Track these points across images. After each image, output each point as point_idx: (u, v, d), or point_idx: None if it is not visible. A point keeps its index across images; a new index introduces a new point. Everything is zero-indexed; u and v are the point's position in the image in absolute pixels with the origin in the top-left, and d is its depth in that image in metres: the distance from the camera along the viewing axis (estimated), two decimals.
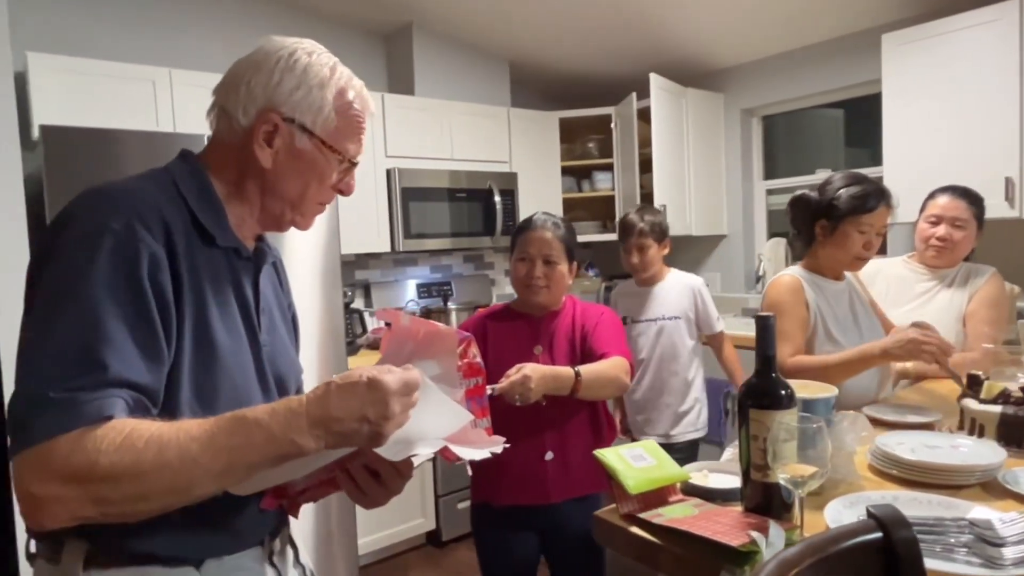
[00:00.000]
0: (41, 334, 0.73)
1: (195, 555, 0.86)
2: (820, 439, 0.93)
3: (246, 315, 0.93)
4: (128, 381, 0.73)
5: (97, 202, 0.80)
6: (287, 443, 0.71)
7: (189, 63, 2.91)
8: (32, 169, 2.30)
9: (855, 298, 1.85)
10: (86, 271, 0.75)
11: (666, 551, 0.98)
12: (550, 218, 1.72)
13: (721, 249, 3.89)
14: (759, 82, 3.62)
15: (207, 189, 0.91)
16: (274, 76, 0.90)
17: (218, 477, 0.72)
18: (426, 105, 3.38)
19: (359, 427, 0.72)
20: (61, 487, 0.68)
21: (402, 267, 3.71)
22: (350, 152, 0.95)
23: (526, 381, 1.42)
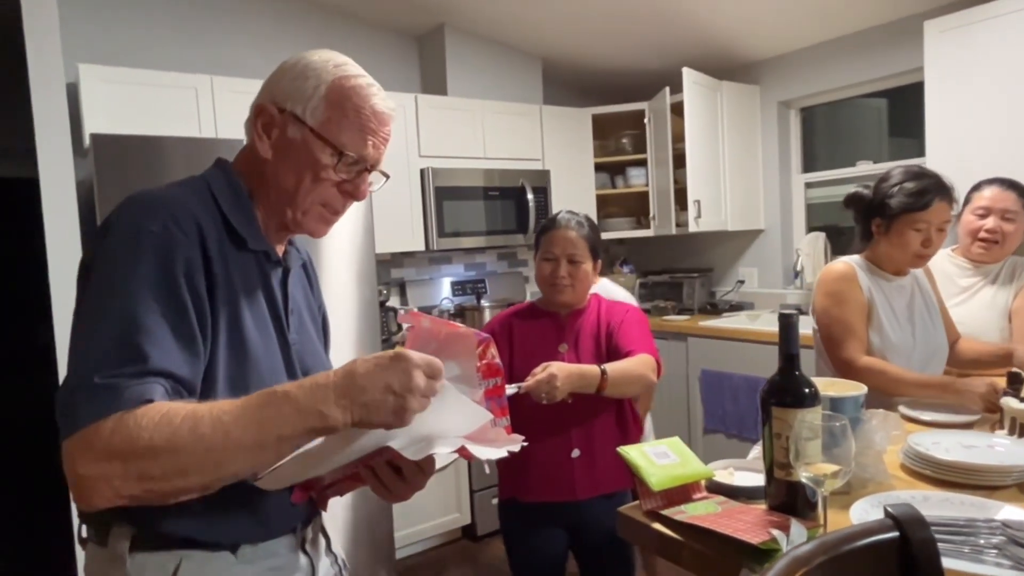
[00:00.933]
0: (86, 330, 0.78)
1: (231, 540, 0.90)
2: (844, 438, 0.93)
3: (275, 316, 0.96)
4: (168, 371, 0.77)
5: (135, 207, 0.85)
6: (315, 415, 0.73)
7: (229, 70, 3.01)
8: (83, 175, 2.41)
9: (918, 296, 1.79)
10: (126, 271, 0.79)
11: (688, 548, 0.99)
12: (574, 217, 1.72)
13: (758, 244, 3.83)
14: (796, 73, 3.54)
15: (239, 194, 0.95)
16: (279, 73, 0.96)
17: (250, 450, 0.74)
18: (459, 105, 3.41)
19: (384, 398, 0.74)
20: (106, 465, 0.71)
21: (437, 265, 3.76)
22: (347, 145, 0.93)
23: (552, 380, 1.43)
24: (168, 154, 2.29)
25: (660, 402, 3.46)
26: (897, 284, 1.77)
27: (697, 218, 3.40)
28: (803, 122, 3.74)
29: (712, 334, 3.28)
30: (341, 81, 0.93)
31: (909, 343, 1.72)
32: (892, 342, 1.69)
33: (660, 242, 4.22)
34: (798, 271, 3.45)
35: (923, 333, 1.74)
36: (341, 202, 0.98)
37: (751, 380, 3.05)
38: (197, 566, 0.88)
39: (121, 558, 0.86)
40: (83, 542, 0.94)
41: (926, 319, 1.77)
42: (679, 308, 3.83)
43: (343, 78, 0.93)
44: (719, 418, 3.22)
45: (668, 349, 3.42)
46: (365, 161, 0.95)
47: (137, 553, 0.86)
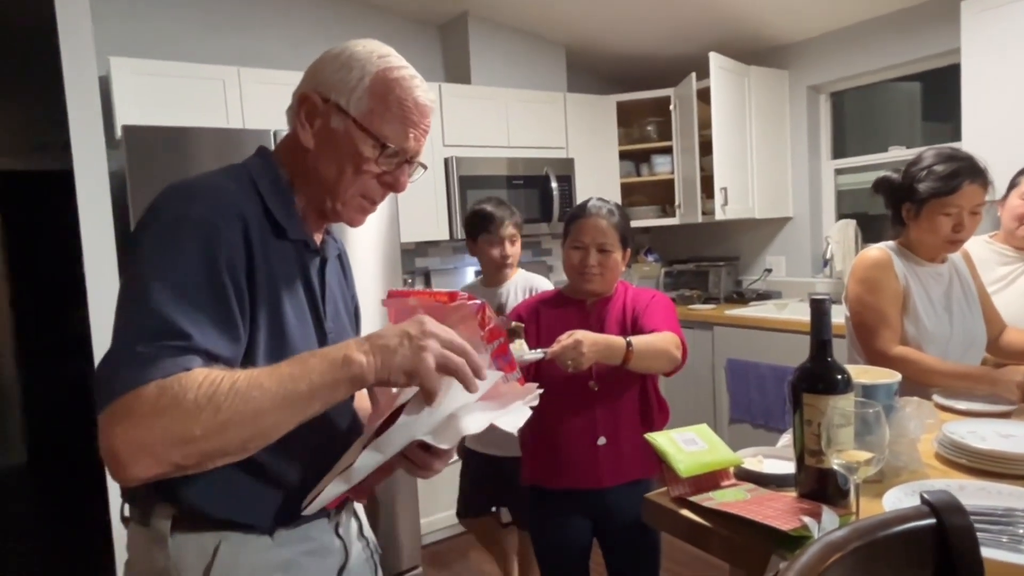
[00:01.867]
0: (129, 311, 0.79)
1: (268, 522, 0.91)
2: (878, 425, 0.91)
3: (313, 304, 0.98)
4: (209, 351, 0.79)
5: (180, 194, 0.86)
6: (340, 360, 0.77)
7: (255, 61, 3.04)
8: (115, 167, 2.46)
9: (957, 282, 1.74)
10: (170, 256, 0.81)
11: (716, 534, 0.98)
12: (605, 204, 1.70)
13: (786, 232, 3.77)
14: (827, 57, 3.46)
15: (279, 183, 0.96)
16: (323, 63, 0.96)
17: (285, 400, 0.75)
18: (482, 93, 3.41)
19: (401, 341, 0.78)
20: (147, 431, 0.72)
21: (460, 254, 3.77)
22: (389, 137, 0.93)
23: (578, 346, 1.41)
24: (197, 145, 2.33)
25: (685, 391, 3.44)
26: (933, 271, 1.72)
27: (724, 206, 3.35)
28: (833, 107, 3.66)
29: (738, 323, 3.25)
30: (385, 73, 0.93)
31: (946, 331, 1.68)
32: (928, 330, 1.66)
33: (685, 230, 4.18)
34: (827, 259, 3.39)
35: (961, 321, 1.69)
36: (380, 193, 0.99)
37: (778, 370, 3.02)
38: (235, 547, 0.89)
39: (163, 538, 0.88)
40: (125, 521, 0.96)
41: (964, 307, 1.72)
42: (705, 297, 3.79)
43: (387, 69, 0.93)
44: (745, 408, 3.19)
45: (693, 338, 3.39)
46: (406, 153, 0.96)
47: (178, 533, 0.88)
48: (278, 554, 0.92)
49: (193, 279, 0.80)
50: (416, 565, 2.75)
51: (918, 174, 1.65)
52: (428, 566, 2.82)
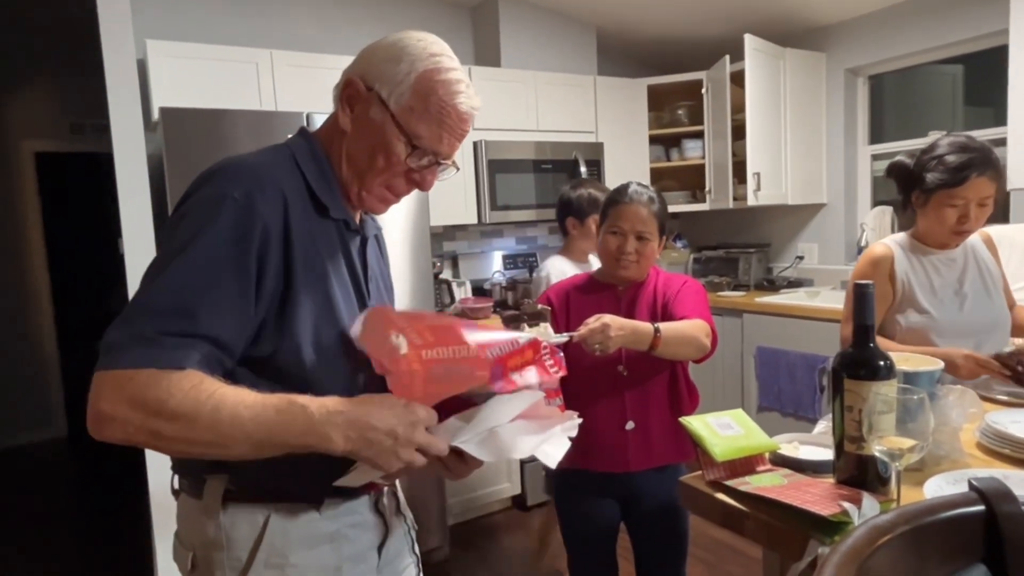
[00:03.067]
0: (152, 281, 0.82)
1: (316, 495, 0.94)
2: (921, 412, 0.89)
3: (356, 282, 0.99)
4: (211, 336, 0.81)
5: (224, 173, 0.88)
6: (320, 435, 0.80)
7: (288, 44, 3.05)
8: (152, 149, 2.50)
9: (972, 268, 1.72)
10: (201, 232, 0.83)
11: (753, 518, 0.98)
12: (645, 191, 1.67)
13: (820, 219, 3.70)
14: (866, 39, 3.37)
15: (322, 163, 0.97)
16: (375, 49, 0.96)
17: (255, 446, 0.80)
18: (512, 76, 3.39)
19: (384, 440, 0.80)
20: (128, 411, 0.76)
21: (488, 239, 3.78)
22: (422, 138, 0.93)
23: (606, 329, 1.41)
24: (232, 127, 2.35)
25: (714, 379, 3.42)
26: (946, 257, 1.72)
27: (756, 191, 3.30)
28: (871, 90, 3.57)
29: (769, 311, 3.21)
30: (432, 73, 0.93)
31: (955, 318, 1.67)
32: (935, 319, 1.66)
33: (715, 216, 4.13)
34: (862, 246, 3.32)
35: (975, 307, 1.68)
36: (406, 188, 0.99)
37: (809, 358, 2.98)
38: (284, 519, 0.92)
39: (215, 510, 0.91)
40: (176, 493, 0.99)
41: (980, 292, 1.70)
42: (734, 284, 3.75)
43: (434, 70, 0.93)
44: (774, 396, 3.16)
45: (722, 325, 3.36)
46: (437, 156, 0.96)
47: (230, 505, 0.91)
48: (325, 526, 0.95)
49: (219, 258, 0.82)
50: (441, 545, 2.79)
51: (928, 163, 1.63)
52: (453, 546, 2.86)
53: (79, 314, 5.77)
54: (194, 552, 0.95)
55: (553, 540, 2.40)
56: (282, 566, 0.92)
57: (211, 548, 0.92)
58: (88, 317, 6.05)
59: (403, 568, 1.11)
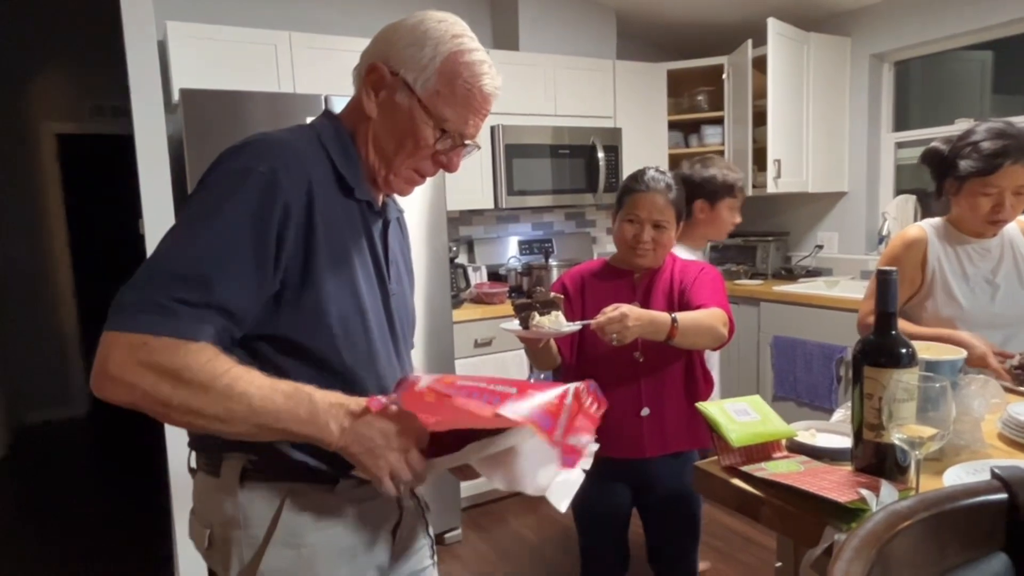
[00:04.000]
0: (171, 245, 0.83)
1: (332, 476, 0.95)
2: (943, 400, 0.88)
3: (376, 264, 1.00)
4: (225, 307, 0.81)
5: (251, 147, 0.88)
6: (321, 426, 0.82)
7: (307, 26, 3.05)
8: (172, 130, 2.51)
9: (1007, 260, 1.69)
10: (225, 203, 0.83)
11: (768, 504, 0.97)
12: (663, 178, 1.64)
13: (840, 207, 3.65)
14: (892, 23, 3.30)
15: (346, 144, 0.97)
16: (397, 33, 0.95)
17: (256, 427, 0.82)
18: (530, 60, 3.36)
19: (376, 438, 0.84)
20: (139, 376, 0.77)
21: (504, 224, 3.77)
22: (449, 121, 0.94)
23: (623, 319, 1.40)
24: (251, 109, 2.36)
25: (729, 367, 3.40)
26: (980, 246, 1.69)
27: (776, 178, 3.26)
28: (896, 76, 3.50)
29: (786, 300, 3.18)
30: (456, 56, 0.93)
31: (985, 309, 1.65)
32: (963, 307, 1.64)
33: None
34: (884, 236, 3.28)
35: (1007, 299, 1.66)
36: (433, 170, 1.00)
37: (826, 348, 2.95)
38: (300, 499, 0.93)
39: (233, 487, 0.92)
40: (192, 471, 1.00)
41: (1014, 284, 1.67)
42: (752, 272, 3.72)
43: (459, 52, 0.93)
44: (790, 385, 3.14)
45: (739, 314, 3.33)
46: (463, 138, 0.97)
47: (248, 483, 0.92)
48: (340, 508, 0.96)
49: (240, 227, 0.82)
50: (455, 526, 2.81)
51: (963, 149, 1.60)
52: (466, 529, 2.89)
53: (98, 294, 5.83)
54: (211, 530, 0.96)
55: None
56: (298, 546, 0.93)
57: (229, 526, 0.93)
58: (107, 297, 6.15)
59: (417, 549, 1.12)
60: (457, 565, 2.62)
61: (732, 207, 2.06)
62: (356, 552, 0.97)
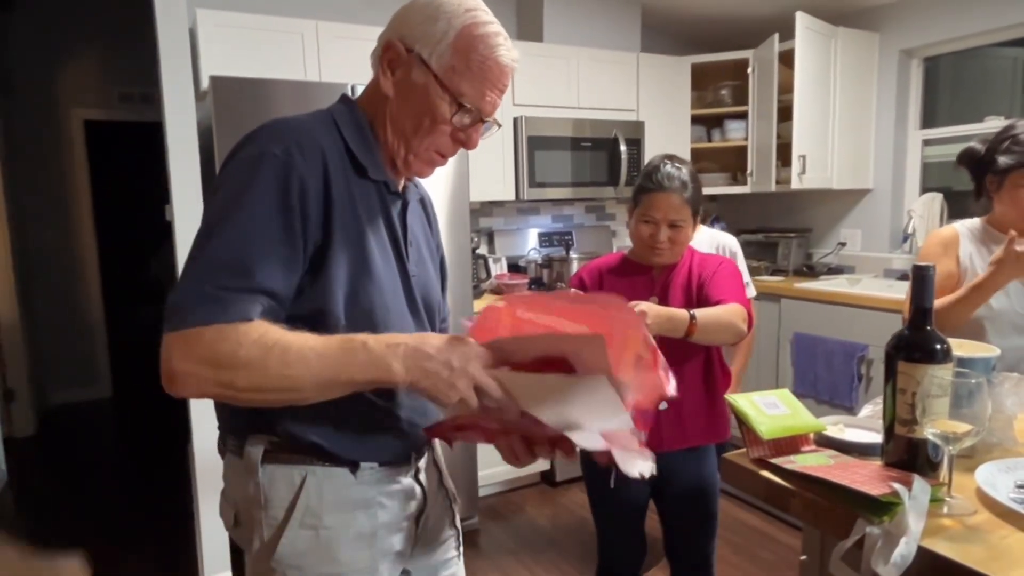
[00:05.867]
0: (203, 242, 0.84)
1: (352, 457, 0.96)
2: (979, 397, 0.88)
3: (395, 244, 0.99)
4: (268, 289, 0.83)
5: (265, 133, 0.90)
6: (383, 367, 0.82)
7: (333, 15, 3.06)
8: (201, 116, 2.54)
9: None
10: (245, 189, 0.85)
11: (799, 496, 0.98)
12: (678, 175, 1.60)
13: (864, 204, 3.61)
14: (922, 18, 3.25)
15: (361, 125, 0.98)
16: (411, 10, 0.95)
17: (323, 385, 0.82)
18: (554, 52, 3.35)
19: (441, 369, 0.81)
20: (200, 367, 0.79)
21: (525, 216, 3.77)
22: (466, 96, 0.93)
23: (642, 316, 1.41)
24: (278, 96, 2.38)
25: (750, 364, 3.38)
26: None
27: (801, 175, 3.23)
28: (925, 72, 3.45)
29: (808, 297, 3.16)
30: (470, 28, 0.92)
31: (1018, 310, 1.62)
32: (992, 308, 1.62)
33: (755, 199, 4.06)
34: (908, 234, 3.24)
35: None
36: (452, 148, 0.99)
37: (847, 346, 2.93)
38: (320, 480, 0.94)
39: (254, 467, 0.94)
40: (222, 452, 1.02)
41: None
42: (773, 269, 3.69)
43: (473, 25, 0.92)
44: (810, 383, 3.12)
45: (759, 310, 3.31)
46: (481, 113, 0.95)
47: (268, 464, 0.94)
48: (360, 491, 0.97)
49: (265, 213, 0.84)
50: (472, 515, 2.84)
51: (1002, 144, 1.58)
52: (484, 518, 2.91)
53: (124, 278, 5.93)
54: (237, 509, 0.99)
55: None
56: (316, 527, 0.94)
57: (252, 505, 0.95)
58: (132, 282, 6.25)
59: (443, 540, 1.12)
60: (474, 554, 2.65)
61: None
62: (376, 537, 0.98)
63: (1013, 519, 0.87)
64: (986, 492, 0.92)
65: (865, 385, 2.91)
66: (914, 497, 0.85)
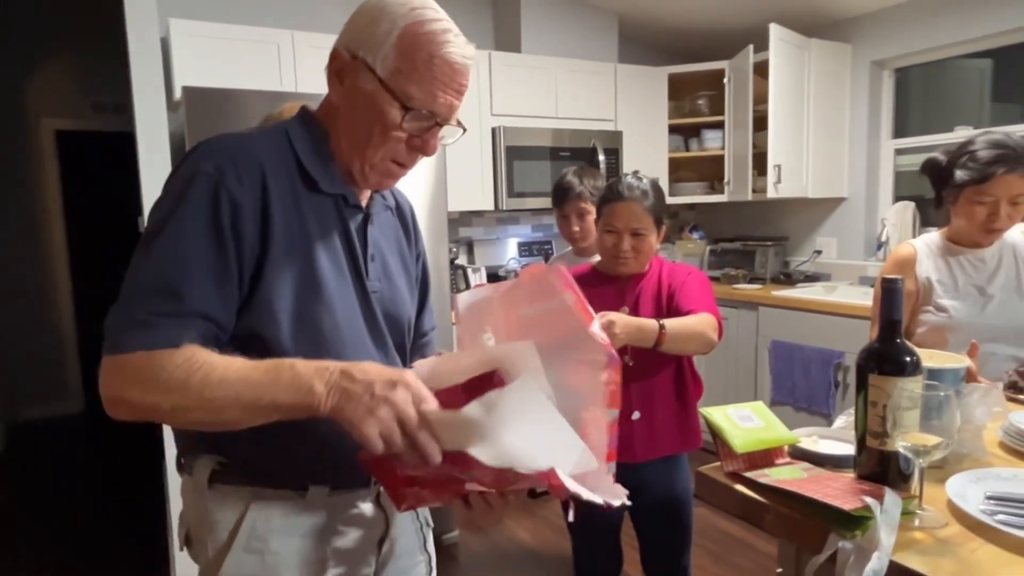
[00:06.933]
0: (137, 264, 0.82)
1: (302, 483, 0.92)
2: (947, 409, 0.89)
3: (352, 260, 0.95)
4: (202, 312, 0.81)
5: (200, 150, 0.87)
6: (306, 389, 0.76)
7: (309, 25, 3.04)
8: (174, 128, 2.50)
9: (1005, 270, 1.68)
10: (177, 209, 0.82)
11: (772, 511, 0.98)
12: (638, 185, 1.63)
13: (839, 213, 3.66)
14: (893, 31, 3.32)
15: (316, 139, 0.94)
16: (356, 15, 0.92)
17: (246, 409, 0.77)
18: (532, 62, 3.36)
19: (362, 393, 0.74)
20: (127, 391, 0.79)
21: (504, 225, 3.77)
22: (415, 99, 0.87)
23: (611, 326, 1.39)
24: (253, 107, 2.35)
25: (726, 371, 3.41)
26: (975, 256, 1.69)
27: (776, 184, 3.27)
28: (896, 83, 3.52)
29: (785, 304, 3.18)
30: (414, 27, 0.87)
31: (975, 319, 1.64)
32: (953, 318, 1.65)
33: (733, 208, 4.09)
34: (882, 242, 3.29)
35: (1000, 309, 1.65)
36: (410, 157, 0.93)
37: (824, 353, 2.96)
38: (267, 505, 0.91)
39: (202, 489, 0.92)
40: (180, 470, 0.99)
41: (1012, 295, 1.66)
42: (750, 277, 3.72)
43: (417, 23, 0.87)
44: (788, 390, 3.14)
45: (737, 318, 3.34)
46: (434, 116, 0.90)
47: (217, 484, 0.91)
48: (312, 516, 0.93)
49: (195, 233, 0.82)
50: (453, 529, 2.81)
51: (960, 159, 1.61)
52: (463, 531, 2.88)
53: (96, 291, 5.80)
54: (189, 528, 0.96)
55: None
56: (261, 552, 0.91)
57: (200, 526, 0.93)
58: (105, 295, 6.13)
59: (412, 566, 1.08)
60: (454, 567, 2.62)
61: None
62: (327, 564, 0.94)
63: (983, 531, 0.88)
64: (956, 504, 0.93)
65: (842, 392, 2.94)
66: (886, 511, 0.85)
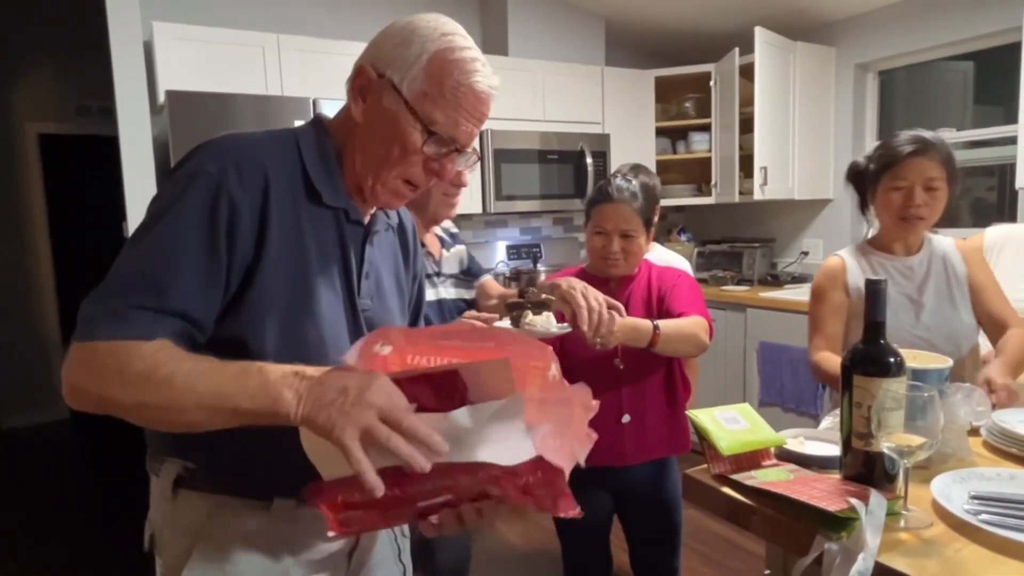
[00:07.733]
0: (126, 254, 0.81)
1: (266, 493, 0.90)
2: (931, 409, 0.89)
3: (346, 276, 0.94)
4: (179, 310, 0.79)
5: (204, 149, 0.86)
6: (273, 396, 0.72)
7: (295, 28, 3.03)
8: (158, 131, 2.48)
9: (934, 278, 1.64)
10: (174, 206, 0.81)
11: (759, 513, 0.98)
12: (627, 186, 1.62)
13: (826, 214, 3.69)
14: (876, 34, 3.35)
15: (325, 150, 0.93)
16: (385, 34, 0.92)
17: (208, 411, 0.74)
18: (519, 66, 3.37)
19: (335, 397, 0.70)
20: (87, 380, 0.76)
21: (492, 228, 3.77)
22: (438, 124, 0.88)
23: (611, 321, 1.40)
24: (238, 110, 2.34)
25: (715, 373, 3.42)
26: (904, 264, 1.66)
27: (763, 186, 3.29)
28: (880, 86, 3.55)
29: (773, 306, 3.20)
30: (444, 53, 0.88)
31: (911, 329, 1.61)
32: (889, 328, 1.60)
33: (720, 210, 4.11)
34: None
35: (933, 317, 1.61)
36: (424, 180, 0.93)
37: None
38: (229, 514, 0.89)
39: (167, 493, 0.90)
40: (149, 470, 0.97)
41: (943, 303, 1.63)
42: (738, 278, 3.74)
43: (447, 50, 0.88)
44: (776, 391, 3.16)
45: (725, 320, 3.36)
46: (455, 142, 0.90)
47: (181, 490, 0.90)
48: (275, 527, 0.91)
49: (190, 229, 0.80)
50: None
51: (875, 152, 1.63)
52: None
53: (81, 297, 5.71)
54: (153, 530, 0.95)
55: None
56: (222, 561, 0.89)
57: (163, 530, 0.92)
58: None
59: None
60: None
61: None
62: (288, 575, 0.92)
63: (967, 531, 0.88)
64: (941, 504, 0.93)
65: (830, 392, 2.94)
66: (871, 512, 0.86)
